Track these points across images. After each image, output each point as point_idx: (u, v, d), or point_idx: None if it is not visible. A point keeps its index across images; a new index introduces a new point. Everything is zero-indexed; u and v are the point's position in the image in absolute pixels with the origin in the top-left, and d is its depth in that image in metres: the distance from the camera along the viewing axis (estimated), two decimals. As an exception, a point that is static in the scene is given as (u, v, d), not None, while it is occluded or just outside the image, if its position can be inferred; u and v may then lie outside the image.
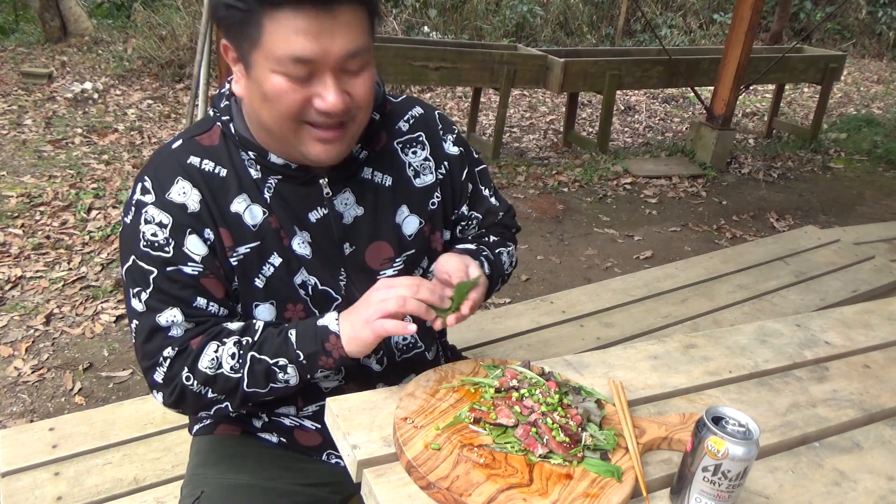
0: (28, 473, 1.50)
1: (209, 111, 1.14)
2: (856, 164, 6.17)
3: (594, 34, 9.87)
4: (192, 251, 1.06)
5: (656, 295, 2.54)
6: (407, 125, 1.23)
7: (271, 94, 0.98)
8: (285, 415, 1.25)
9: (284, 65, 0.95)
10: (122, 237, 1.09)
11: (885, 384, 1.33)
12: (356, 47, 0.98)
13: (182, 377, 1.06)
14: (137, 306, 1.07)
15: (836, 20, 11.44)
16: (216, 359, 1.06)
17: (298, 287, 1.14)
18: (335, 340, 1.05)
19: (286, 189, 1.11)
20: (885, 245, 3.25)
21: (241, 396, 1.07)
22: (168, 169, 1.08)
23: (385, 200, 1.18)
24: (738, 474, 0.90)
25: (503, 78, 5.17)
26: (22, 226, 3.73)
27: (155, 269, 1.05)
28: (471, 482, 0.92)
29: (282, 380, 1.07)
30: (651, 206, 4.81)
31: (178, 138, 1.12)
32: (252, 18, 0.94)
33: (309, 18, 0.93)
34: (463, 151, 1.28)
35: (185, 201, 1.06)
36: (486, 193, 1.33)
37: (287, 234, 1.11)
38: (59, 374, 2.69)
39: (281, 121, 1.01)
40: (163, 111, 5.85)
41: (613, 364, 1.28)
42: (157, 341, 1.06)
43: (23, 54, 6.95)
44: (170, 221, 1.05)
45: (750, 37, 5.10)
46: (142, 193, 1.07)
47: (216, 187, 1.08)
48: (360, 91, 1.02)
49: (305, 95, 0.98)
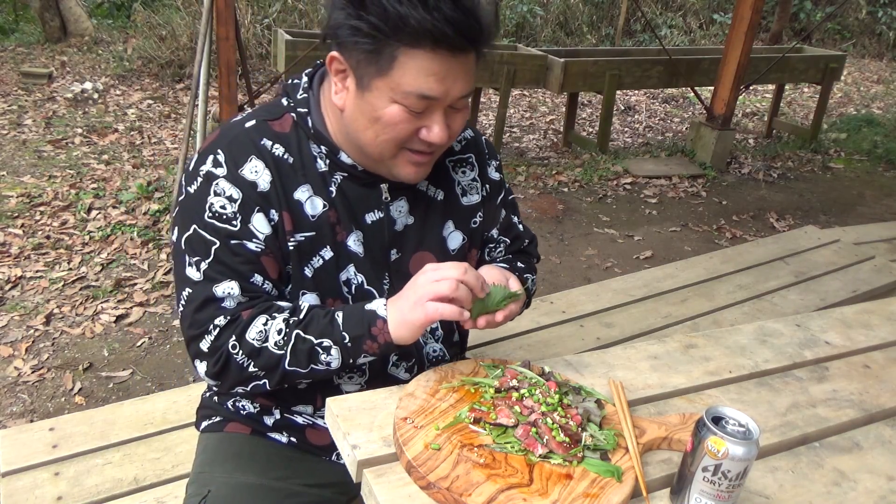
0: (28, 473, 1.50)
1: (282, 100, 1.16)
2: (856, 164, 6.17)
3: (594, 34, 9.87)
4: (257, 228, 1.08)
5: (656, 295, 2.54)
6: (459, 145, 1.28)
7: (386, 121, 1.04)
8: (300, 413, 1.26)
9: (409, 99, 1.01)
10: (184, 206, 1.10)
11: (885, 384, 1.33)
12: (470, 89, 1.07)
13: (228, 345, 1.06)
14: (194, 275, 1.07)
15: (836, 20, 11.44)
16: (264, 332, 1.06)
17: (343, 284, 1.16)
18: (382, 325, 1.05)
19: (349, 187, 1.15)
20: (885, 245, 3.25)
21: (281, 374, 1.07)
22: (242, 146, 1.10)
23: (435, 213, 1.23)
24: (738, 474, 0.90)
25: (503, 78, 5.17)
26: (22, 226, 3.73)
27: (218, 241, 1.07)
28: (471, 482, 0.92)
29: (324, 361, 1.07)
30: (651, 206, 4.81)
31: (251, 118, 1.14)
32: (386, 50, 0.99)
33: (442, 61, 0.99)
34: (502, 178, 1.35)
35: (257, 180, 1.08)
36: (514, 220, 1.39)
37: (344, 229, 1.15)
38: (59, 374, 2.69)
39: (386, 144, 1.07)
40: (163, 111, 5.85)
41: (613, 364, 1.28)
42: (210, 311, 1.07)
43: (23, 54, 6.96)
44: (240, 197, 1.07)
45: (750, 37, 5.10)
46: (213, 165, 1.09)
47: (285, 172, 1.11)
48: (458, 125, 1.10)
49: (416, 126, 1.05)
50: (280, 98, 1.17)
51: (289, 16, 7.56)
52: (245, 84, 4.37)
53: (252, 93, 4.35)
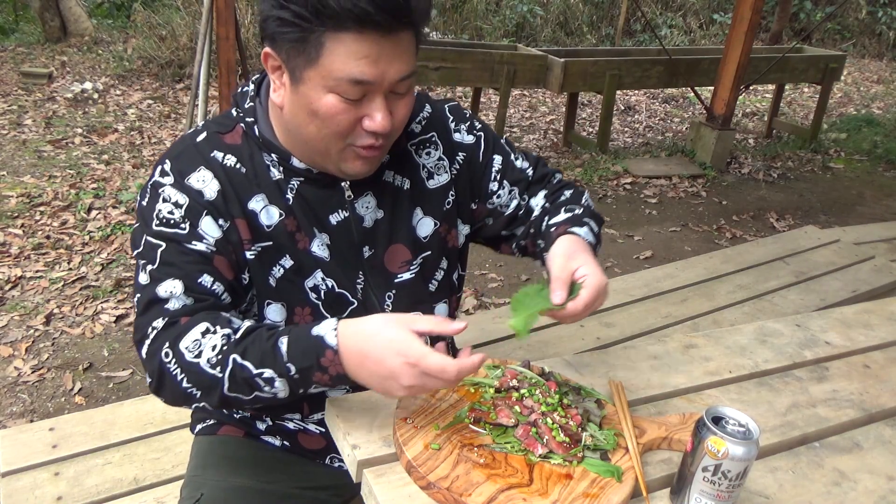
0: (28, 473, 1.50)
1: (232, 111, 1.14)
2: (856, 164, 6.17)
3: (594, 34, 9.87)
4: (206, 232, 1.05)
5: (656, 295, 2.54)
6: (419, 126, 1.22)
7: (323, 113, 0.99)
8: (290, 419, 1.25)
9: (341, 86, 0.97)
10: (138, 219, 1.08)
11: (885, 384, 1.33)
12: (409, 71, 1.00)
13: (162, 353, 0.98)
14: (142, 279, 1.04)
15: (836, 20, 11.44)
16: (199, 343, 0.97)
17: (310, 290, 1.13)
18: (332, 357, 0.94)
19: (308, 191, 1.11)
20: (885, 245, 3.25)
21: (221, 398, 0.98)
22: (190, 158, 1.08)
23: (403, 203, 1.19)
24: (738, 474, 0.89)
25: (503, 78, 5.17)
26: (22, 226, 3.73)
27: (164, 244, 1.04)
28: (471, 482, 0.92)
29: (268, 392, 0.97)
30: (651, 206, 4.81)
31: (203, 131, 1.12)
32: (312, 38, 0.95)
33: (371, 43, 0.94)
34: (479, 135, 1.26)
35: (203, 189, 1.06)
36: (512, 159, 1.29)
37: (306, 235, 1.11)
38: (59, 374, 2.69)
39: (329, 138, 1.02)
40: (163, 111, 5.85)
41: (613, 364, 1.28)
42: (152, 313, 1.02)
43: (23, 54, 6.95)
44: (186, 202, 1.05)
45: (750, 37, 5.10)
46: (160, 176, 1.07)
47: (238, 182, 1.08)
48: (402, 112, 1.05)
49: (356, 116, 1.00)
50: (230, 110, 1.14)
51: (289, 16, 7.55)
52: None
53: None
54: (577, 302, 1.03)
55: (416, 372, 0.90)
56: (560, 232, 1.15)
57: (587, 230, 1.16)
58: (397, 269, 1.19)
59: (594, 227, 1.20)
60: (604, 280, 1.05)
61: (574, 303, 1.03)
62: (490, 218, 1.28)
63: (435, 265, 1.23)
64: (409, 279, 1.19)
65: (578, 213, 1.21)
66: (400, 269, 1.19)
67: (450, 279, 1.27)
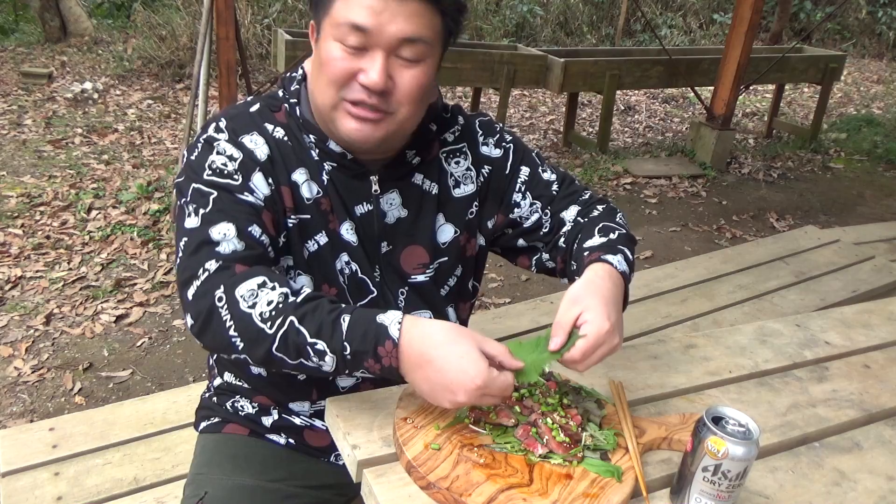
0: (28, 473, 1.50)
1: (279, 91, 1.17)
2: (856, 164, 6.17)
3: (594, 34, 9.87)
4: (257, 187, 1.07)
5: (656, 295, 2.54)
6: (452, 136, 1.25)
7: (324, 59, 1.03)
8: (297, 413, 1.25)
9: (342, 31, 1.00)
10: (185, 171, 1.09)
11: (885, 384, 1.33)
12: (413, 34, 1.00)
13: (215, 296, 0.96)
14: (191, 223, 1.03)
15: (836, 20, 11.44)
16: (255, 294, 0.95)
17: (338, 272, 1.15)
18: (391, 348, 0.92)
19: (338, 178, 1.14)
20: (885, 245, 3.25)
21: (266, 355, 0.95)
22: (244, 121, 1.11)
23: (429, 207, 1.21)
24: (738, 474, 0.90)
25: (503, 78, 5.17)
26: (22, 226, 3.73)
27: (216, 192, 1.04)
28: (471, 482, 0.92)
29: (315, 363, 0.95)
30: (651, 206, 4.81)
31: (256, 103, 1.15)
32: None
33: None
34: (508, 147, 1.27)
35: (255, 150, 1.09)
36: (540, 171, 1.28)
37: (337, 218, 1.14)
38: (59, 374, 2.69)
39: (325, 88, 1.05)
40: (163, 111, 5.85)
41: (613, 364, 1.28)
42: (203, 254, 0.99)
43: (23, 54, 6.95)
44: (240, 156, 1.07)
45: (750, 37, 5.10)
46: (215, 132, 1.09)
47: (285, 152, 1.11)
48: (407, 83, 1.04)
49: (353, 66, 1.02)
50: (277, 90, 1.18)
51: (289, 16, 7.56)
52: (245, 84, 4.38)
53: (252, 93, 4.35)
54: (573, 352, 0.98)
55: (478, 393, 0.91)
56: (593, 259, 1.10)
57: (621, 258, 1.12)
58: (412, 269, 1.21)
59: (628, 254, 1.15)
60: (605, 328, 0.98)
61: (570, 353, 0.98)
62: (509, 228, 1.29)
63: (450, 272, 1.25)
64: (423, 282, 1.22)
65: (613, 238, 1.17)
66: (415, 271, 1.21)
67: (462, 286, 1.29)
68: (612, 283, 1.06)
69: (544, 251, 1.28)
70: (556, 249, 1.25)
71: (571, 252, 1.21)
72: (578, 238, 1.20)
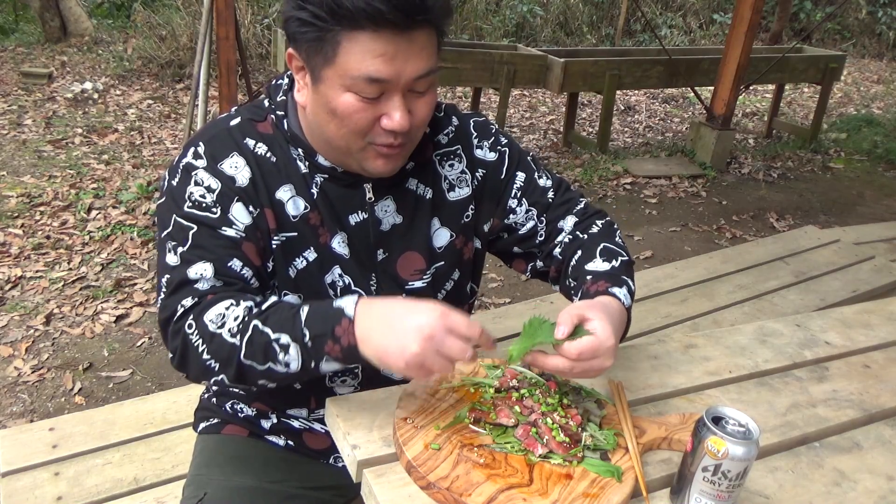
0: (28, 473, 1.50)
1: (264, 101, 1.15)
2: (856, 164, 6.17)
3: (594, 34, 9.87)
4: (237, 218, 1.06)
5: (656, 295, 2.54)
6: (446, 138, 1.23)
7: (341, 112, 1.00)
8: (295, 417, 1.25)
9: (358, 84, 0.98)
10: (166, 198, 1.08)
11: (885, 384, 1.33)
12: (427, 69, 1.01)
13: (185, 326, 1.00)
14: (171, 260, 1.04)
15: (836, 20, 11.44)
16: (223, 315, 0.98)
17: (328, 286, 1.14)
18: (347, 325, 0.93)
19: (331, 189, 1.13)
20: (885, 245, 3.25)
21: (237, 367, 0.98)
22: (223, 142, 1.09)
23: (423, 212, 1.19)
24: (738, 474, 0.89)
25: (503, 78, 5.17)
26: (22, 226, 3.73)
27: (195, 226, 1.05)
28: (471, 482, 0.92)
29: (282, 361, 0.96)
30: (651, 206, 4.81)
31: (236, 116, 1.13)
32: (329, 37, 0.96)
33: (386, 41, 0.95)
34: (503, 151, 1.25)
35: (236, 175, 1.07)
36: (536, 177, 1.27)
37: (328, 231, 1.13)
38: (59, 374, 2.69)
39: (348, 136, 1.03)
40: (163, 111, 5.85)
41: (614, 364, 1.28)
42: (181, 293, 1.02)
43: (23, 54, 6.95)
44: (218, 187, 1.06)
45: (750, 37, 5.10)
46: (193, 157, 1.08)
47: (267, 170, 1.09)
48: (423, 111, 1.05)
49: (374, 114, 1.01)
50: (263, 99, 1.16)
51: (289, 16, 7.55)
52: (245, 84, 4.38)
53: (252, 93, 4.35)
54: (571, 346, 0.97)
55: (441, 324, 0.90)
56: (600, 290, 1.11)
57: (626, 291, 1.13)
58: (409, 276, 1.20)
59: (631, 284, 1.16)
60: (609, 341, 0.97)
61: (567, 345, 0.97)
62: (504, 233, 1.28)
63: (447, 276, 1.24)
64: (420, 288, 1.21)
65: (617, 267, 1.17)
66: (412, 277, 1.20)
67: (460, 289, 1.28)
68: (619, 317, 1.07)
69: (539, 258, 1.28)
70: (551, 258, 1.25)
71: (569, 267, 1.21)
72: (578, 257, 1.20)
